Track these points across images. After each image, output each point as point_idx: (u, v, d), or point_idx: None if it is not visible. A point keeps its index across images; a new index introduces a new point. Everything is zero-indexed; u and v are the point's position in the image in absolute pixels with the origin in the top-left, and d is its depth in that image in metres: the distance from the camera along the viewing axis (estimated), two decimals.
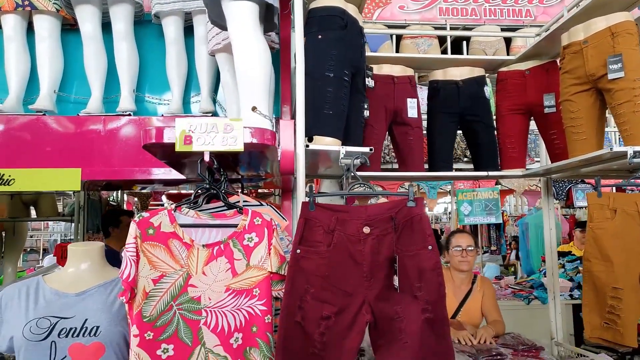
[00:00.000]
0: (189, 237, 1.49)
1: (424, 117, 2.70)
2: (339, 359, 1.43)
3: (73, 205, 3.87)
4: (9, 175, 2.19)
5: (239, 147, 1.51)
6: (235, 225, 1.54)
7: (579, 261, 4.36)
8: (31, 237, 10.43)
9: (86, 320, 1.47)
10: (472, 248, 2.67)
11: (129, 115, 2.49)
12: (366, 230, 1.46)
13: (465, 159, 4.39)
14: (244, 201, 1.71)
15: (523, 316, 3.76)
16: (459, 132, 2.76)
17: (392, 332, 1.44)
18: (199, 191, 1.57)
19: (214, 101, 2.72)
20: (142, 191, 5.57)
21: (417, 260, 1.45)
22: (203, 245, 1.50)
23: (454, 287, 2.67)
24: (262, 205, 1.73)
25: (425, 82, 3.02)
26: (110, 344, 1.47)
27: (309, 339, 1.43)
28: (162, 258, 1.46)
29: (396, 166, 2.76)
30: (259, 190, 4.59)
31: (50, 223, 9.99)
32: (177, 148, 1.50)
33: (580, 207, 4.46)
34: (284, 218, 1.74)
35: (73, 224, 3.80)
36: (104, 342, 1.46)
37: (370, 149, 1.84)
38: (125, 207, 5.65)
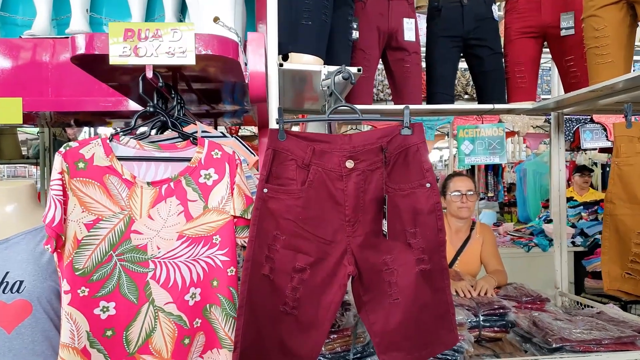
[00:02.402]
0: (129, 173, 1.20)
1: (423, 49, 2.37)
2: (315, 319, 1.18)
3: (38, 147, 3.55)
4: None
5: (190, 60, 1.20)
6: (189, 159, 1.25)
7: (582, 207, 4.15)
8: None
9: (7, 273, 1.21)
10: (472, 192, 2.40)
11: None
12: (349, 164, 1.17)
13: (467, 96, 4.07)
14: (202, 131, 1.41)
15: (522, 264, 3.57)
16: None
17: (380, 287, 1.18)
18: (140, 118, 1.27)
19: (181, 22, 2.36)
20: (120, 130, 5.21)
21: (411, 200, 1.18)
22: (148, 183, 1.21)
23: (451, 234, 2.42)
24: (225, 137, 1.44)
25: (424, 10, 2.67)
26: (38, 301, 1.21)
27: (279, 295, 1.17)
28: (96, 198, 1.18)
29: (392, 104, 2.45)
30: (240, 132, 4.26)
31: (33, 169, 9.69)
32: (112, 60, 1.19)
33: (586, 150, 4.19)
34: (252, 153, 1.45)
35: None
36: (30, 299, 1.20)
37: (359, 69, 1.52)
38: None
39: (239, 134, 4.22)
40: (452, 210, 2.42)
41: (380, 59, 2.31)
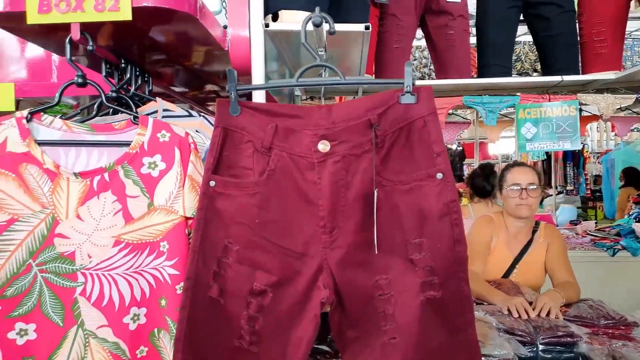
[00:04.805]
0: (52, 162, 0.95)
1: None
2: (282, 357, 0.86)
3: None
4: None
5: (124, 15, 0.92)
6: (128, 144, 0.97)
7: None
8: None
9: None
10: (535, 187, 1.94)
11: None
12: (323, 147, 0.83)
13: (536, 74, 3.52)
14: (164, 110, 1.13)
15: (605, 272, 3.01)
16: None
17: (370, 320, 0.84)
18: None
19: None
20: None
21: (416, 197, 0.82)
22: (76, 174, 0.95)
23: (509, 237, 1.99)
24: (192, 116, 1.15)
25: None
26: None
27: (233, 326, 0.87)
28: (11, 193, 0.94)
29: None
30: None
31: None
32: (30, 19, 0.94)
33: None
34: None
35: None
36: None
37: (367, 26, 1.17)
38: None
39: None
40: (509, 207, 1.98)
41: (419, 27, 1.93)
